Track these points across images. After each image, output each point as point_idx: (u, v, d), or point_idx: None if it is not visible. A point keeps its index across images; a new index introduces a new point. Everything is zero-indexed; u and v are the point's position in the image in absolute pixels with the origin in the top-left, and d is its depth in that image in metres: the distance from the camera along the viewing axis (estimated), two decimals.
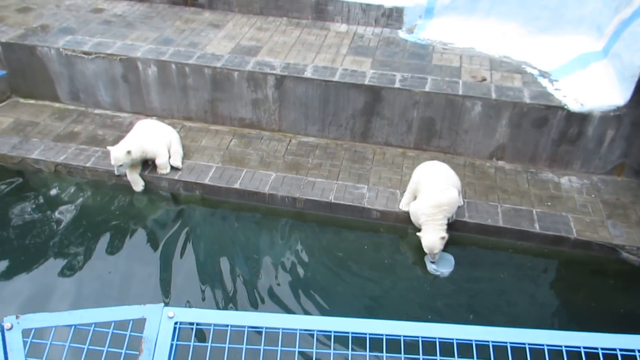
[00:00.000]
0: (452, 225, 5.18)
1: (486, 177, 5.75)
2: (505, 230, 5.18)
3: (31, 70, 6.54)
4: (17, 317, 2.24)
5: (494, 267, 5.08)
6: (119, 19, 7.03)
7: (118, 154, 5.31)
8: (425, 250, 4.87)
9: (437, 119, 5.85)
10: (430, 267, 4.94)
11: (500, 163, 5.97)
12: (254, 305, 4.66)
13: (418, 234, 4.91)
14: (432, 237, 4.80)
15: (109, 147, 5.40)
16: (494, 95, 5.65)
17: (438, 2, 6.75)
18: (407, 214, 5.19)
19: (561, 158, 5.81)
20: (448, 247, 5.08)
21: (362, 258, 5.13)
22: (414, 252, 5.19)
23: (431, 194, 4.90)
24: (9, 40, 6.38)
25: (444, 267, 4.94)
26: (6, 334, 2.20)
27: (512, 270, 5.07)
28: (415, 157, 5.98)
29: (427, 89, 5.75)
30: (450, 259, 5.02)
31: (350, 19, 7.12)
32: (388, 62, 6.25)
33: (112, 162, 5.36)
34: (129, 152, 5.30)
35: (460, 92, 5.69)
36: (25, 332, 2.22)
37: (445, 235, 4.82)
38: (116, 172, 5.43)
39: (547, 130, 5.66)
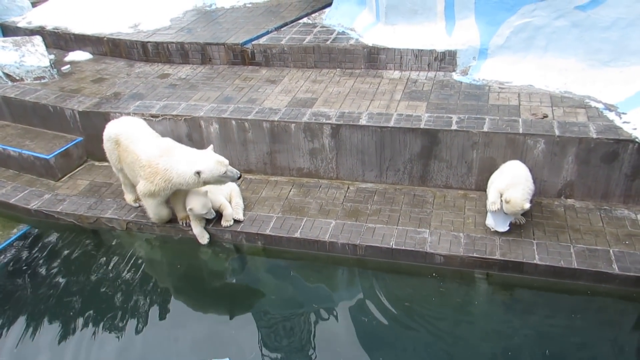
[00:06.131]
0: (522, 269, 4.95)
1: (555, 217, 5.47)
2: (580, 272, 4.86)
3: None
4: None
5: (572, 312, 4.74)
6: (183, 82, 7.48)
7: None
8: (509, 211, 5.02)
9: (498, 158, 5.70)
10: (489, 221, 5.26)
11: (570, 201, 5.69)
12: (318, 358, 4.57)
13: (506, 195, 4.98)
14: (521, 196, 4.96)
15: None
16: (557, 132, 5.46)
17: (492, 43, 6.70)
18: (473, 258, 5.02)
19: (637, 193, 5.45)
20: (516, 290, 4.83)
21: (428, 306, 4.94)
22: (483, 297, 4.96)
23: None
24: (85, 109, 6.93)
25: (501, 225, 5.22)
26: None
27: (591, 315, 4.72)
28: (478, 198, 5.81)
29: (485, 129, 5.65)
30: (508, 220, 5.21)
31: (403, 65, 7.20)
32: (443, 104, 6.22)
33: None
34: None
35: (521, 131, 5.55)
36: None
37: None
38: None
39: (618, 165, 5.37)
